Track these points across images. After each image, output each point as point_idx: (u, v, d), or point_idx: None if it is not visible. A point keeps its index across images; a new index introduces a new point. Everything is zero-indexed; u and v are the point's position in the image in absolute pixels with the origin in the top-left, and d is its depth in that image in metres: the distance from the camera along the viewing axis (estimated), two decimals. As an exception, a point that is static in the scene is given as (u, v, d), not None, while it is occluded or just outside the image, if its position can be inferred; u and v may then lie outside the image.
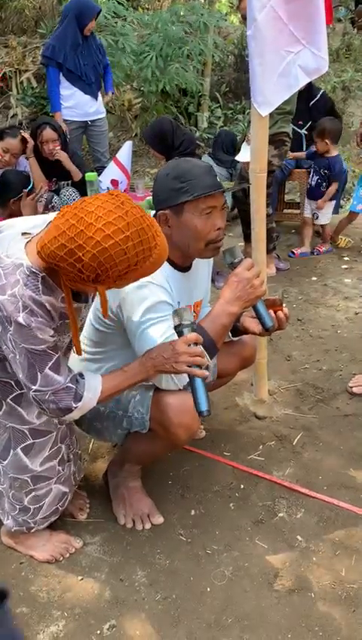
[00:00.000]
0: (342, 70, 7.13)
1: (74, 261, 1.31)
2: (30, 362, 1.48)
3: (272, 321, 1.79)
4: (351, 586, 1.77)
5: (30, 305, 1.42)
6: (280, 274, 4.02)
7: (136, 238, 1.31)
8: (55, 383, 1.51)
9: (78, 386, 1.56)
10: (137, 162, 6.28)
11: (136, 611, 1.72)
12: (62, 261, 1.32)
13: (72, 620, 1.70)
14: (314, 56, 2.07)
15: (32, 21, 6.83)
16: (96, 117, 4.93)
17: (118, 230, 1.29)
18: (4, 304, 1.41)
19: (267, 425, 2.51)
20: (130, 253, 1.31)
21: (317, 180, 4.25)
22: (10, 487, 1.78)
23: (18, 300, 1.41)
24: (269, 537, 1.95)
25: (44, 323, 1.45)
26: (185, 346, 1.55)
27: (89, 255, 1.29)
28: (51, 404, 1.54)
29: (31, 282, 1.42)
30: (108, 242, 1.29)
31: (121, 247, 1.30)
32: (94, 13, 4.65)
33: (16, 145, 3.88)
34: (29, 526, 1.84)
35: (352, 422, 2.50)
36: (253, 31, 2.00)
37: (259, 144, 2.21)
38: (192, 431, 1.80)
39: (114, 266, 1.32)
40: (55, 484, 1.82)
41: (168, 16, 6.13)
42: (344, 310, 3.52)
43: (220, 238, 1.77)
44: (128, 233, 1.30)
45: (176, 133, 3.51)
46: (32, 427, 1.72)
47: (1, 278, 1.42)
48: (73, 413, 1.57)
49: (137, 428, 1.85)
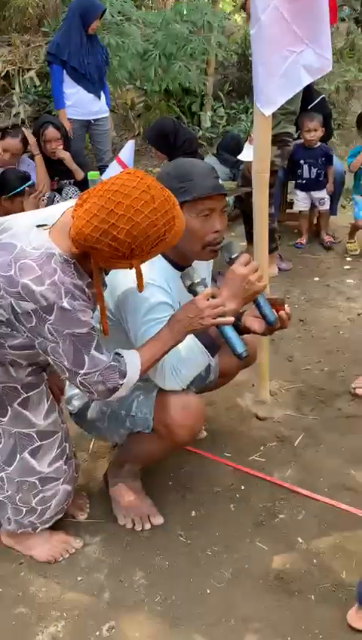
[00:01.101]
0: (345, 70, 7.10)
1: (110, 240, 1.38)
2: (76, 347, 1.51)
3: (275, 317, 1.79)
4: (352, 589, 1.75)
5: (71, 289, 1.46)
6: (282, 274, 4.01)
7: (162, 209, 1.40)
8: (101, 362, 1.55)
9: (120, 364, 1.60)
10: (139, 161, 6.27)
11: (135, 613, 1.71)
12: (98, 242, 1.39)
13: (71, 621, 1.70)
14: (317, 55, 2.06)
15: (35, 19, 6.81)
16: (99, 116, 4.92)
17: (146, 204, 1.38)
18: (45, 294, 1.44)
19: (268, 426, 2.50)
20: (159, 223, 1.40)
21: (317, 172, 4.29)
22: (16, 491, 1.77)
23: (60, 287, 1.45)
24: (270, 539, 1.94)
25: (85, 305, 1.51)
26: (205, 301, 1.60)
27: (124, 232, 1.37)
28: (100, 385, 1.57)
29: (67, 269, 1.47)
30: (139, 217, 1.37)
31: (151, 219, 1.39)
32: (99, 11, 4.64)
33: (16, 145, 3.88)
34: (34, 526, 1.84)
35: (354, 423, 2.49)
36: (257, 30, 2.00)
37: (262, 144, 2.20)
38: (195, 431, 1.80)
39: (147, 238, 1.40)
40: (62, 485, 1.83)
41: (172, 15, 6.11)
42: (346, 311, 3.51)
43: (218, 241, 1.75)
44: (155, 205, 1.39)
45: (178, 133, 3.50)
46: (39, 429, 1.73)
47: (35, 269, 1.45)
48: (120, 390, 1.61)
49: (140, 428, 1.85)
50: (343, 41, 7.72)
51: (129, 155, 4.48)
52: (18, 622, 1.70)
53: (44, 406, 1.73)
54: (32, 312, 1.46)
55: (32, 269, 1.44)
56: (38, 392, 1.71)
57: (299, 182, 4.39)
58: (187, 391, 1.81)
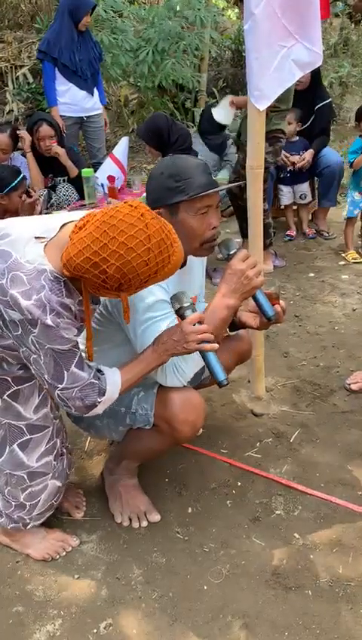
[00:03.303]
0: (339, 65, 7.10)
1: (98, 273, 1.38)
2: (56, 362, 1.53)
3: (273, 311, 1.79)
4: (349, 584, 1.76)
5: (56, 308, 1.47)
6: (277, 270, 4.01)
7: (157, 249, 1.39)
8: (80, 379, 1.57)
9: (101, 381, 1.62)
10: (134, 158, 6.26)
11: (132, 610, 1.72)
12: (88, 273, 1.39)
13: (68, 619, 1.70)
14: (307, 50, 2.06)
15: (27, 16, 6.77)
16: (92, 113, 4.90)
17: (140, 243, 1.36)
18: (30, 309, 1.45)
19: (264, 422, 2.50)
20: (151, 263, 1.39)
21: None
22: (5, 484, 1.78)
23: (45, 304, 1.46)
24: (266, 535, 1.94)
25: (69, 323, 1.51)
26: (190, 326, 1.61)
27: (113, 267, 1.37)
28: (77, 400, 1.58)
29: (55, 287, 1.48)
30: (131, 255, 1.36)
31: (143, 258, 1.37)
32: (88, 7, 4.62)
33: (4, 140, 3.84)
34: (24, 522, 1.84)
35: (349, 419, 2.50)
36: (250, 25, 1.99)
37: (256, 140, 2.19)
38: (197, 427, 1.81)
39: (136, 276, 1.39)
40: (51, 480, 1.83)
41: (164, 11, 6.09)
42: (341, 306, 3.51)
43: (215, 237, 1.76)
44: (149, 245, 1.37)
45: (172, 129, 3.48)
46: (29, 423, 1.74)
47: (25, 283, 1.46)
48: (98, 407, 1.63)
49: (141, 424, 1.85)
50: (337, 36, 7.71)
51: (123, 151, 4.48)
52: (15, 620, 1.70)
53: (34, 400, 1.74)
54: (18, 322, 1.49)
55: (22, 282, 1.46)
56: (30, 386, 1.72)
57: (281, 176, 4.44)
58: (188, 387, 1.81)
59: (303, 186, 4.47)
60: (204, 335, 1.61)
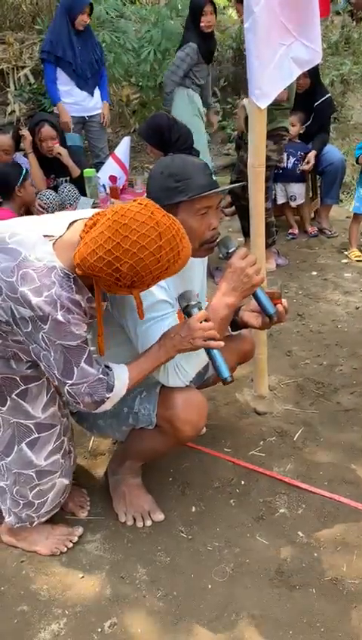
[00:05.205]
0: (340, 63, 7.07)
1: (112, 271, 1.41)
2: (66, 358, 1.55)
3: (274, 309, 1.79)
4: (353, 582, 1.76)
5: (67, 304, 1.50)
6: (280, 269, 4.00)
7: (168, 246, 1.42)
8: (89, 375, 1.59)
9: (109, 377, 1.64)
10: (136, 158, 6.25)
11: (137, 609, 1.72)
12: (101, 272, 1.42)
13: (73, 618, 1.70)
14: (306, 48, 2.06)
15: (28, 17, 6.78)
16: (93, 112, 4.91)
17: (152, 241, 1.39)
18: (41, 305, 1.48)
19: (267, 421, 2.50)
20: (162, 260, 1.42)
21: (294, 162, 4.35)
22: (14, 483, 1.79)
23: (56, 300, 1.49)
24: (270, 533, 1.94)
25: (79, 319, 1.54)
26: (197, 323, 1.63)
27: (126, 266, 1.40)
28: (86, 396, 1.60)
29: (65, 284, 1.51)
30: (143, 253, 1.39)
31: (155, 256, 1.40)
32: (83, 5, 4.60)
33: (7, 141, 3.86)
34: (32, 520, 1.85)
35: (353, 417, 2.50)
36: (251, 24, 1.99)
37: (258, 138, 2.19)
38: (199, 427, 1.82)
39: (149, 273, 1.43)
40: (59, 478, 1.84)
41: (166, 11, 6.09)
42: (344, 305, 3.51)
43: (215, 237, 1.76)
44: (161, 243, 1.40)
45: (173, 128, 3.47)
46: (37, 421, 1.75)
47: (35, 280, 1.48)
48: (106, 403, 1.64)
49: (144, 424, 1.85)
50: (338, 34, 7.68)
51: (125, 151, 4.48)
52: (20, 620, 1.70)
53: (43, 399, 1.75)
54: (28, 319, 1.51)
55: (32, 279, 1.48)
56: (38, 385, 1.73)
57: (276, 172, 4.38)
58: (190, 387, 1.81)
59: (294, 187, 4.43)
60: (210, 332, 1.63)
